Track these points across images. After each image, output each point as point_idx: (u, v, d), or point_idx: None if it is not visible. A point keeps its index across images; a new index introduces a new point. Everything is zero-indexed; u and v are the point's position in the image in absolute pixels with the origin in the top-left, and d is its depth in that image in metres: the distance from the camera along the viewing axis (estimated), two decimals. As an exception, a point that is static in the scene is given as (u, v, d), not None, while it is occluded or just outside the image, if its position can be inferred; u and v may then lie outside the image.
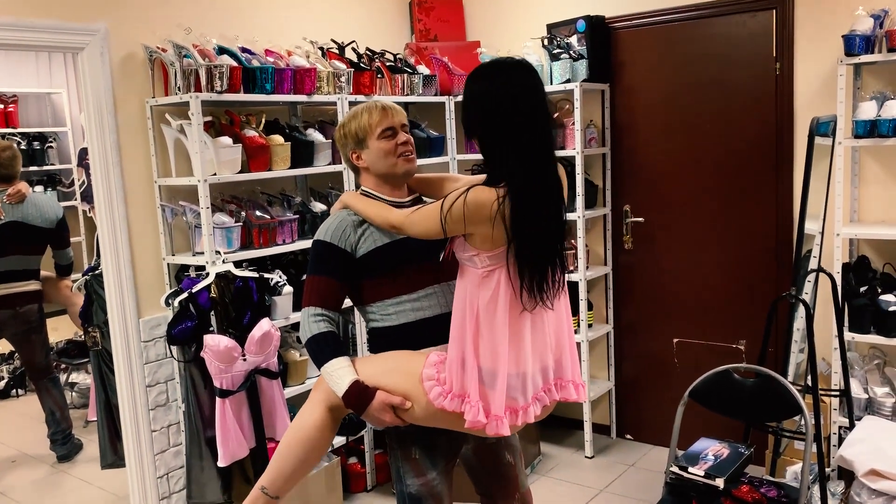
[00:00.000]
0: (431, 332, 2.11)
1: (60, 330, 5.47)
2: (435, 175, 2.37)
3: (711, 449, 2.70)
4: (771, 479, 2.82)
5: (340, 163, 3.56)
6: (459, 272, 2.01)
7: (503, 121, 1.89)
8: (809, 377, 3.00)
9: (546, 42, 3.90)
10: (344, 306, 2.18)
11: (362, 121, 2.16)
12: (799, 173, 3.47)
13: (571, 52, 3.84)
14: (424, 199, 2.32)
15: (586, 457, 4.06)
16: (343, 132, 2.20)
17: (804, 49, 3.50)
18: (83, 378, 5.27)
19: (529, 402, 1.99)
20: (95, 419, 3.74)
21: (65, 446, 4.37)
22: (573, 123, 3.81)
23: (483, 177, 1.99)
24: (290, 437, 2.21)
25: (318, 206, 3.54)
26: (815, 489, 2.86)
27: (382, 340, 2.17)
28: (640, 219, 4.08)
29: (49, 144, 6.35)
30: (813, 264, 3.21)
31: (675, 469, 2.62)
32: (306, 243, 3.37)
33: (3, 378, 5.49)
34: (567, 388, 2.08)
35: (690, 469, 2.58)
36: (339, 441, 3.51)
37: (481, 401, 1.93)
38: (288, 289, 3.26)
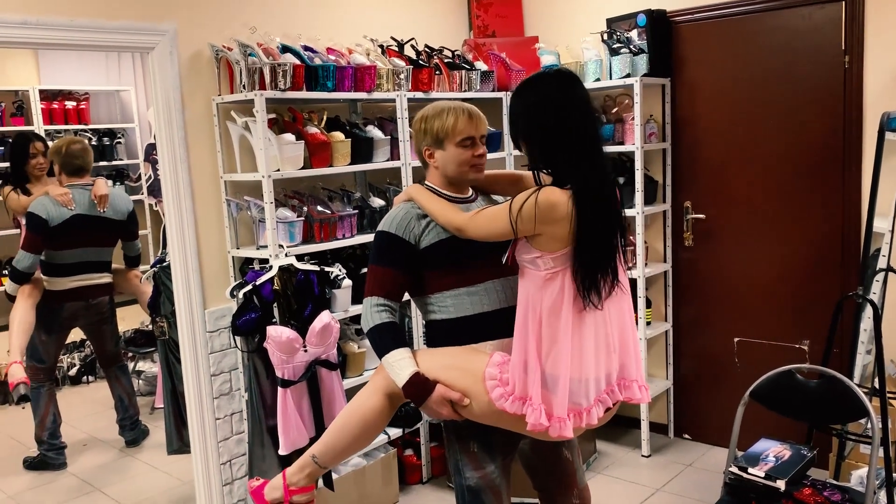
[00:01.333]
0: (489, 326, 2.13)
1: (128, 320, 5.66)
2: (500, 172, 2.39)
3: (773, 450, 2.66)
4: (835, 482, 2.76)
5: (398, 159, 3.61)
6: (520, 275, 2.03)
7: (554, 128, 1.95)
8: (877, 379, 2.92)
9: (606, 37, 3.87)
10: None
11: (447, 123, 2.16)
12: (868, 170, 3.37)
13: (631, 46, 3.80)
14: (493, 197, 2.35)
15: (643, 455, 4.03)
16: (424, 126, 2.20)
17: (875, 42, 3.39)
18: (149, 366, 5.45)
19: (592, 405, 1.99)
20: (162, 406, 3.87)
21: (132, 432, 4.53)
22: (633, 118, 3.77)
23: (528, 172, 2.10)
24: (347, 415, 2.27)
25: (377, 202, 3.59)
26: (882, 494, 2.78)
27: (440, 333, 2.20)
28: (702, 215, 4.02)
29: (118, 140, 6.57)
30: (882, 263, 3.12)
31: (734, 469, 2.59)
32: (365, 238, 3.43)
33: (75, 365, 5.73)
34: (631, 388, 2.08)
35: (750, 470, 2.54)
36: (395, 433, 3.56)
37: (543, 404, 1.94)
38: (347, 282, 3.31)
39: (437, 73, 3.78)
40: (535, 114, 1.98)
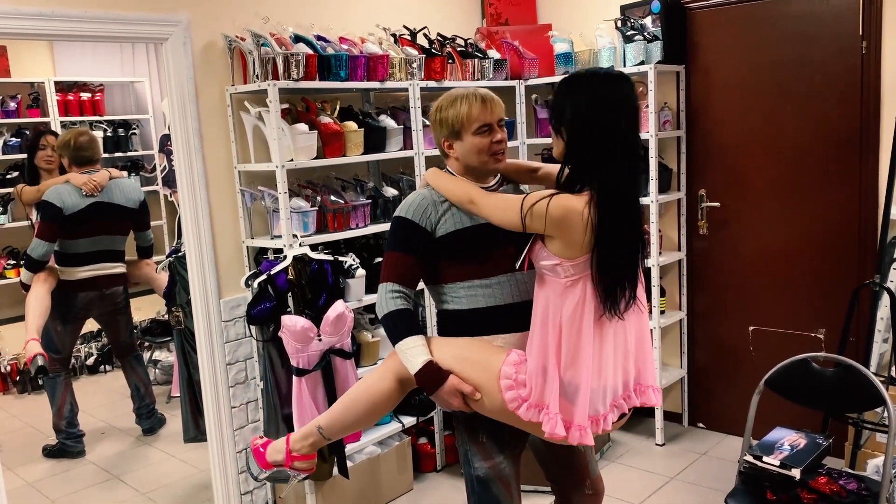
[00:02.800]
0: (500, 320, 2.12)
1: (144, 310, 5.72)
2: (520, 161, 2.37)
3: (788, 439, 2.65)
4: (851, 471, 2.75)
5: (411, 148, 3.60)
6: (538, 282, 2.01)
7: (601, 135, 1.90)
8: (893, 368, 2.90)
9: (619, 24, 3.84)
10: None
11: (461, 111, 2.11)
12: (885, 157, 3.34)
13: (646, 33, 3.77)
14: (519, 185, 2.34)
15: (657, 444, 4.02)
16: (439, 117, 2.16)
17: (893, 27, 3.35)
18: (165, 356, 5.50)
19: (608, 410, 1.99)
20: (178, 395, 3.90)
21: (149, 420, 4.57)
22: (647, 106, 3.74)
23: (549, 165, 2.08)
24: (356, 394, 2.29)
25: (390, 191, 3.59)
26: (898, 483, 2.77)
27: (451, 324, 2.19)
28: (716, 203, 4.00)
29: (132, 131, 6.60)
30: (899, 251, 3.10)
31: (749, 458, 2.58)
32: (379, 227, 3.44)
33: (92, 355, 5.78)
34: (647, 393, 2.08)
35: (765, 458, 2.53)
36: (409, 421, 3.57)
37: (561, 413, 1.94)
38: (361, 272, 3.32)
39: (450, 61, 3.77)
40: (587, 113, 1.91)
